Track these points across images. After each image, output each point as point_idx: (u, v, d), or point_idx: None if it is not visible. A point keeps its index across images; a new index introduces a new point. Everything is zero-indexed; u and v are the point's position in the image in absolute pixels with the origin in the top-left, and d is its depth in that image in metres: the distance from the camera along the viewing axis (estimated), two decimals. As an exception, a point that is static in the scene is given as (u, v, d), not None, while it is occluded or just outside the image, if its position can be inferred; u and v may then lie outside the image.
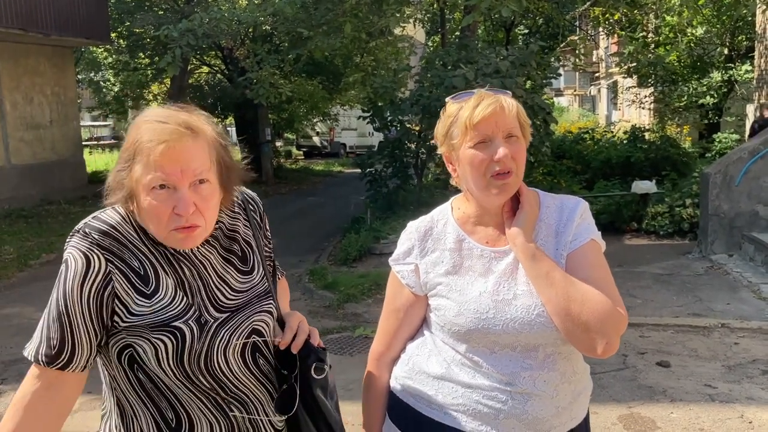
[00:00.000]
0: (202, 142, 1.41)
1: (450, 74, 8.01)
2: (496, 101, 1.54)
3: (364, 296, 6.96)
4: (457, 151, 1.58)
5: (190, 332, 1.40)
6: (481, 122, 1.52)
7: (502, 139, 1.53)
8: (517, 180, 1.56)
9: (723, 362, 4.85)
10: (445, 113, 1.63)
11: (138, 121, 1.42)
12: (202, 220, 1.41)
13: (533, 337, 1.55)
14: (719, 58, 16.46)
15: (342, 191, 16.63)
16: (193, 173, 1.38)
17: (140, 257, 1.42)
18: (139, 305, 1.39)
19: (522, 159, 1.56)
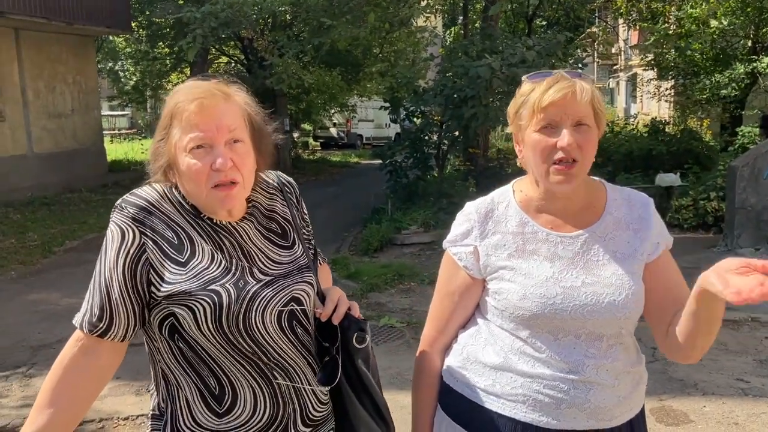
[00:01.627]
0: (234, 104, 1.46)
1: (475, 64, 7.96)
2: (570, 86, 1.50)
3: (387, 286, 6.95)
4: (523, 132, 1.56)
5: (227, 294, 1.43)
6: (549, 106, 1.49)
7: (570, 127, 1.49)
8: (583, 170, 1.53)
9: (754, 356, 4.80)
10: (518, 92, 1.59)
11: (173, 91, 1.49)
12: (239, 177, 1.45)
13: (600, 325, 1.53)
14: (743, 51, 16.25)
15: (360, 182, 16.61)
16: (227, 129, 1.42)
17: (175, 228, 1.47)
18: (174, 273, 1.43)
19: (591, 149, 1.52)
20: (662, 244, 1.60)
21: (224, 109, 1.44)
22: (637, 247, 1.57)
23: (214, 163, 1.41)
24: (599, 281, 1.53)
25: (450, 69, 9.36)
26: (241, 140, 1.46)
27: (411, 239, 8.74)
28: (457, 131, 9.17)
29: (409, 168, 10.52)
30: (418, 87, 10.23)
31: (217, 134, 1.42)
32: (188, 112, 1.41)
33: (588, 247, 1.57)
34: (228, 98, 1.46)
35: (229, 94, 1.47)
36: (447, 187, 9.98)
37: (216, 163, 1.41)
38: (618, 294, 1.52)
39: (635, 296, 1.53)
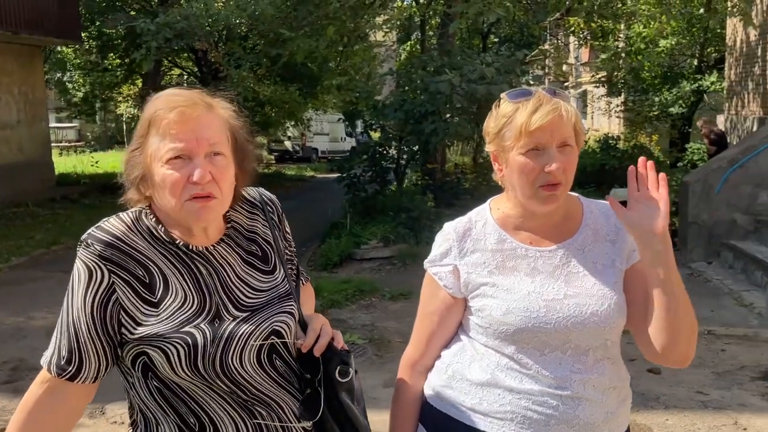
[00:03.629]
0: (216, 116, 1.39)
1: (435, 80, 8.00)
2: (556, 109, 1.49)
3: (348, 302, 6.88)
4: (507, 153, 1.54)
5: (202, 336, 1.35)
6: (537, 130, 1.48)
7: (555, 149, 1.49)
8: (566, 190, 1.54)
9: (712, 369, 4.88)
10: (498, 111, 1.57)
11: (151, 99, 1.40)
12: (218, 191, 1.37)
13: (584, 337, 1.53)
14: (689, 69, 16.79)
15: (316, 196, 16.51)
16: (207, 142, 1.35)
17: (147, 264, 1.38)
18: (147, 314, 1.35)
19: (573, 169, 1.53)
20: (638, 252, 1.60)
21: (206, 120, 1.37)
22: (615, 258, 1.59)
23: (191, 175, 1.34)
24: (581, 293, 1.54)
25: (409, 84, 9.39)
26: (222, 154, 1.39)
27: (371, 254, 8.69)
28: (416, 146, 9.20)
29: (367, 182, 10.49)
30: (377, 101, 10.24)
31: (197, 146, 1.35)
32: (168, 121, 1.34)
33: (568, 260, 1.58)
34: (211, 109, 1.39)
35: (212, 104, 1.40)
36: (406, 201, 9.97)
37: (194, 175, 1.33)
38: (600, 304, 1.53)
39: (617, 306, 1.54)
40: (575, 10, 13.21)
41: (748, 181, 7.60)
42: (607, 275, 1.56)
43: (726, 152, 8.80)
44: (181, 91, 1.40)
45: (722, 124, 13.93)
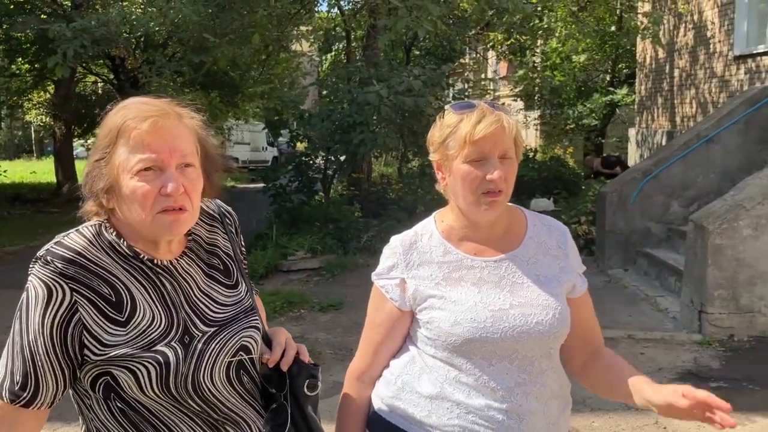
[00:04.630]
0: (186, 126, 1.36)
1: (363, 91, 8.05)
2: (498, 120, 1.54)
3: (276, 314, 6.79)
4: (450, 162, 1.58)
5: (174, 355, 1.31)
6: (480, 140, 1.53)
7: (497, 159, 1.54)
8: (506, 199, 1.59)
9: (633, 372, 5.09)
10: (443, 121, 1.62)
11: (116, 108, 1.35)
12: (189, 204, 1.34)
13: (530, 346, 1.58)
14: (602, 84, 17.55)
15: (238, 207, 15.88)
16: (180, 154, 1.31)
17: (112, 281, 1.32)
18: (113, 334, 1.29)
19: (512, 179, 1.59)
20: (582, 277, 1.70)
21: (178, 131, 1.33)
22: (558, 272, 1.65)
23: (164, 187, 1.29)
24: (526, 303, 1.59)
25: (335, 94, 9.40)
26: (193, 165, 1.35)
27: (298, 265, 8.61)
28: (343, 156, 9.21)
29: (293, 192, 10.41)
30: (303, 111, 10.19)
31: (170, 157, 1.31)
32: (139, 131, 1.29)
33: (512, 271, 1.62)
34: (181, 119, 1.36)
35: (181, 115, 1.37)
36: (333, 212, 9.96)
37: (167, 187, 1.29)
38: (545, 314, 1.58)
39: (561, 315, 1.60)
40: (495, 25, 13.58)
41: (661, 192, 7.99)
42: (551, 286, 1.62)
43: (640, 164, 9.22)
44: (150, 100, 1.36)
45: (633, 137, 14.62)
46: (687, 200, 7.84)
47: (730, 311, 5.62)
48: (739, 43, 10.76)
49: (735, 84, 10.71)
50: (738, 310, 5.62)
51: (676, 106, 12.85)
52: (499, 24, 13.07)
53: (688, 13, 12.32)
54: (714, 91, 11.44)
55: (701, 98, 11.88)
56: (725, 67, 11.14)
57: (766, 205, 5.53)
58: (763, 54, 10.12)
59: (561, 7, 12.64)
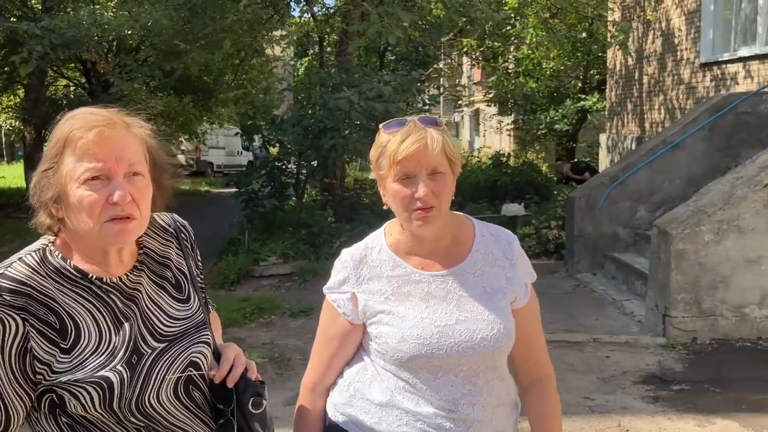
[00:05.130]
0: (134, 135, 1.37)
1: (334, 96, 8.08)
2: (422, 139, 1.55)
3: (246, 320, 6.78)
4: (385, 180, 1.61)
5: (119, 379, 1.32)
6: (404, 160, 1.55)
7: (425, 176, 1.56)
8: (441, 214, 1.60)
9: (597, 375, 5.16)
10: (377, 140, 1.65)
11: (64, 118, 1.36)
12: (137, 212, 1.34)
13: (475, 360, 1.61)
14: (574, 90, 17.77)
15: (212, 212, 16.12)
16: (127, 162, 1.32)
17: (56, 309, 1.32)
18: (60, 362, 1.30)
19: (447, 194, 1.60)
20: (528, 287, 1.72)
21: (125, 140, 1.34)
22: (503, 284, 1.67)
23: (111, 195, 1.30)
24: (472, 317, 1.61)
25: (308, 99, 9.42)
26: (141, 174, 1.36)
27: (270, 270, 8.60)
28: (315, 161, 9.22)
29: (266, 197, 10.38)
30: (276, 116, 10.18)
31: (117, 166, 1.31)
32: (85, 141, 1.30)
33: (459, 284, 1.64)
34: (129, 128, 1.37)
35: (129, 124, 1.38)
36: (306, 217, 9.95)
37: (114, 196, 1.30)
38: (490, 329, 1.61)
39: (506, 329, 1.63)
40: (468, 32, 13.70)
41: (628, 197, 8.12)
42: (497, 300, 1.65)
43: (608, 170, 9.36)
44: (97, 110, 1.37)
45: (604, 142, 14.80)
46: (653, 205, 7.96)
47: (693, 315, 5.73)
48: (705, 50, 10.98)
49: (701, 91, 10.92)
50: (701, 314, 5.73)
51: (645, 112, 13.05)
52: (472, 30, 13.20)
53: (656, 20, 12.54)
54: (681, 98, 11.64)
55: (669, 105, 12.08)
56: (692, 74, 11.34)
57: (727, 211, 5.65)
58: (728, 62, 10.33)
59: (532, 14, 12.79)
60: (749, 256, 5.68)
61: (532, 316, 1.74)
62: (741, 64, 9.96)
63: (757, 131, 7.66)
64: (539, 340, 1.78)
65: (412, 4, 10.10)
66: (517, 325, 1.67)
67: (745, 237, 5.66)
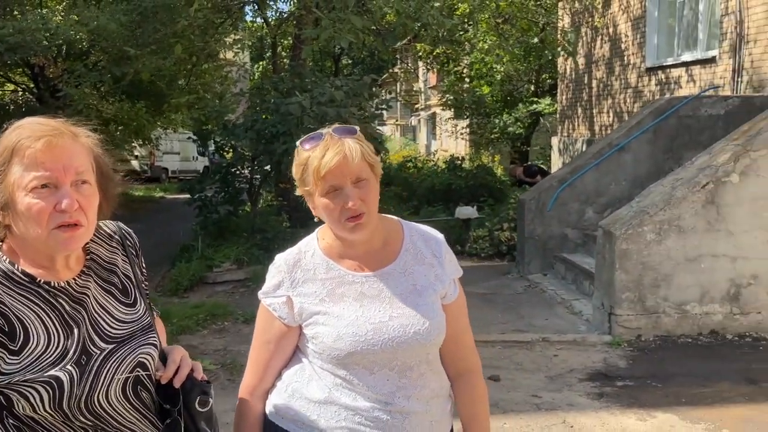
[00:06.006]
0: (81, 145, 1.42)
1: (286, 101, 8.09)
2: (340, 150, 1.60)
3: (199, 327, 6.73)
4: (312, 196, 1.66)
5: (69, 378, 1.36)
6: (327, 174, 1.59)
7: (351, 186, 1.61)
8: (371, 218, 1.66)
9: (545, 373, 5.28)
10: (297, 158, 1.68)
11: (11, 128, 1.40)
12: (85, 219, 1.39)
13: (409, 354, 1.67)
14: (527, 94, 18.07)
15: (166, 218, 15.96)
16: (75, 171, 1.37)
17: (5, 312, 1.36)
18: (9, 363, 1.33)
19: (373, 198, 1.65)
20: (457, 283, 1.79)
21: (72, 149, 1.38)
22: (433, 281, 1.74)
23: (59, 203, 1.34)
24: (404, 314, 1.68)
25: (260, 105, 9.40)
26: (88, 182, 1.41)
27: (224, 277, 8.55)
28: (269, 166, 9.21)
29: (219, 203, 10.31)
30: (228, 121, 10.13)
31: (64, 174, 1.36)
32: (33, 150, 1.34)
33: (391, 283, 1.71)
34: (75, 138, 1.41)
35: (76, 134, 1.42)
36: (260, 223, 9.92)
37: (62, 203, 1.34)
38: (422, 324, 1.67)
39: (437, 324, 1.70)
40: (422, 37, 13.82)
41: (576, 199, 8.31)
42: (427, 296, 1.72)
43: (556, 172, 9.55)
44: (45, 119, 1.41)
45: (556, 145, 15.09)
46: (601, 207, 8.17)
47: (637, 313, 5.90)
48: (651, 55, 11.30)
49: (647, 94, 11.23)
50: (644, 312, 5.90)
51: (595, 116, 13.35)
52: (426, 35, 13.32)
53: (604, 26, 12.85)
54: (629, 102, 11.95)
55: (617, 108, 12.39)
56: (638, 79, 11.66)
57: (667, 211, 5.84)
58: (671, 66, 10.65)
59: (484, 20, 12.98)
60: (689, 254, 5.87)
61: (460, 312, 1.80)
62: (684, 69, 10.28)
63: (697, 134, 7.92)
64: (467, 334, 1.84)
65: (365, 10, 10.16)
66: (446, 320, 1.73)
67: (685, 236, 5.85)
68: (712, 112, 7.97)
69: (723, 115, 7.87)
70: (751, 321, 5.93)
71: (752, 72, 8.70)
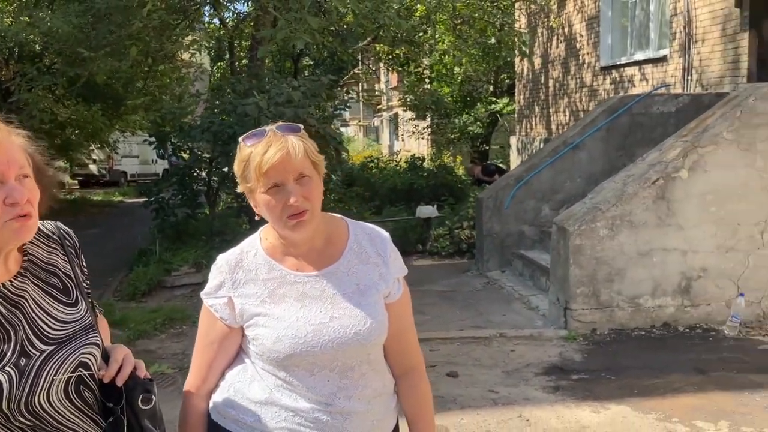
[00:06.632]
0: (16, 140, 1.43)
1: (243, 102, 8.05)
2: (283, 147, 1.59)
3: (157, 331, 6.67)
4: (254, 193, 1.65)
5: (8, 379, 1.35)
6: (270, 170, 1.58)
7: (293, 182, 1.60)
8: (314, 216, 1.65)
9: (503, 368, 5.34)
10: (239, 154, 1.67)
11: None
12: (33, 210, 1.40)
13: (349, 355, 1.67)
14: (486, 94, 18.25)
15: (125, 222, 15.75)
16: (18, 165, 1.38)
17: None
18: None
19: (316, 195, 1.64)
20: (401, 282, 1.79)
21: (10, 144, 1.40)
22: (377, 280, 1.74)
23: (8, 197, 1.35)
24: (345, 314, 1.67)
25: (217, 106, 9.33)
26: (30, 176, 1.42)
27: (182, 280, 8.46)
28: (227, 168, 9.15)
29: (177, 206, 10.20)
30: (185, 123, 10.03)
31: (9, 169, 1.37)
32: None
33: (334, 283, 1.70)
34: (10, 133, 1.42)
35: (9, 130, 1.43)
36: (219, 225, 9.84)
37: (12, 196, 1.35)
38: (363, 324, 1.67)
39: (378, 323, 1.70)
40: (382, 38, 13.87)
41: (533, 197, 8.43)
42: (370, 295, 1.71)
43: (513, 170, 9.68)
44: None
45: (514, 144, 15.28)
46: (556, 204, 8.29)
47: (592, 307, 6.00)
48: (605, 55, 11.53)
49: (602, 93, 11.45)
50: (599, 306, 6.02)
51: (552, 115, 13.55)
52: (386, 36, 13.37)
53: (559, 27, 13.05)
54: (584, 100, 12.16)
55: (573, 107, 12.60)
56: (593, 78, 11.88)
57: (619, 207, 5.96)
58: (625, 65, 10.88)
59: (443, 21, 13.08)
60: (641, 249, 6.00)
61: (404, 310, 1.80)
62: (637, 68, 10.51)
63: (649, 131, 8.10)
64: (411, 332, 1.85)
65: (323, 11, 10.16)
66: (390, 319, 1.74)
67: (637, 231, 5.98)
68: (663, 110, 8.15)
69: (674, 113, 8.06)
70: (701, 313, 6.08)
71: (701, 70, 8.93)
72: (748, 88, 6.39)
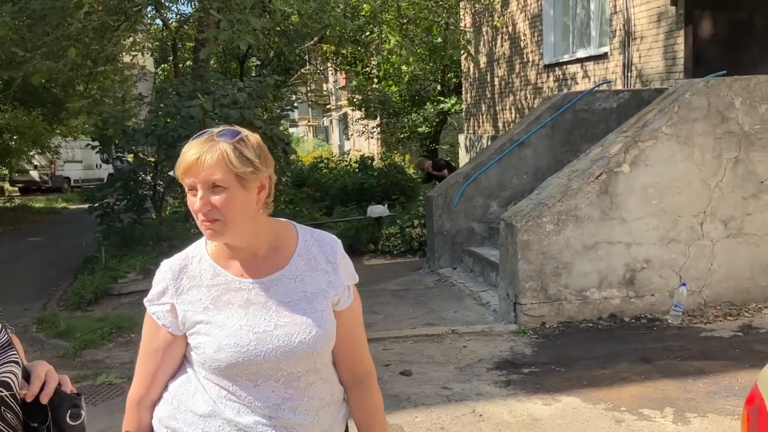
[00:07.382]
0: None
1: (187, 104, 7.91)
2: (200, 151, 1.54)
3: (104, 341, 6.51)
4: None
5: None
6: (185, 171, 1.56)
7: (204, 190, 1.55)
8: (225, 227, 1.58)
9: (455, 365, 5.38)
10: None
11: None
12: None
13: (294, 364, 1.64)
14: (433, 93, 18.38)
15: (69, 229, 15.32)
16: None
17: None
18: None
19: (232, 207, 1.56)
20: (351, 289, 1.76)
21: None
22: (325, 287, 1.70)
23: None
24: (291, 322, 1.63)
25: (161, 108, 9.15)
26: None
27: (129, 288, 8.27)
28: (172, 171, 8.99)
29: (122, 211, 9.97)
30: (127, 126, 9.81)
31: None
32: None
33: (280, 290, 1.67)
34: None
35: None
36: (166, 230, 9.66)
37: None
38: (308, 332, 1.63)
39: (325, 332, 1.66)
40: (329, 38, 13.83)
41: (481, 194, 8.52)
42: (317, 303, 1.68)
43: (461, 168, 9.76)
44: None
45: (463, 142, 15.42)
46: (504, 200, 8.40)
47: (541, 301, 6.10)
48: (548, 53, 11.72)
49: (546, 91, 11.64)
50: (547, 299, 6.12)
51: (498, 113, 13.72)
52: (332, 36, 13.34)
53: (503, 25, 13.21)
54: (529, 98, 12.35)
55: (519, 104, 12.78)
56: (537, 75, 12.07)
57: (564, 202, 6.07)
58: (568, 63, 11.08)
59: (389, 20, 13.11)
60: (587, 242, 6.13)
61: (353, 318, 1.77)
62: (579, 65, 10.72)
63: (593, 127, 8.27)
64: (361, 339, 1.81)
65: (267, 11, 10.07)
66: (339, 327, 1.71)
67: (582, 225, 6.10)
68: (605, 106, 8.34)
69: (616, 108, 8.26)
70: (646, 303, 6.24)
71: (640, 67, 9.17)
72: (684, 84, 6.59)
